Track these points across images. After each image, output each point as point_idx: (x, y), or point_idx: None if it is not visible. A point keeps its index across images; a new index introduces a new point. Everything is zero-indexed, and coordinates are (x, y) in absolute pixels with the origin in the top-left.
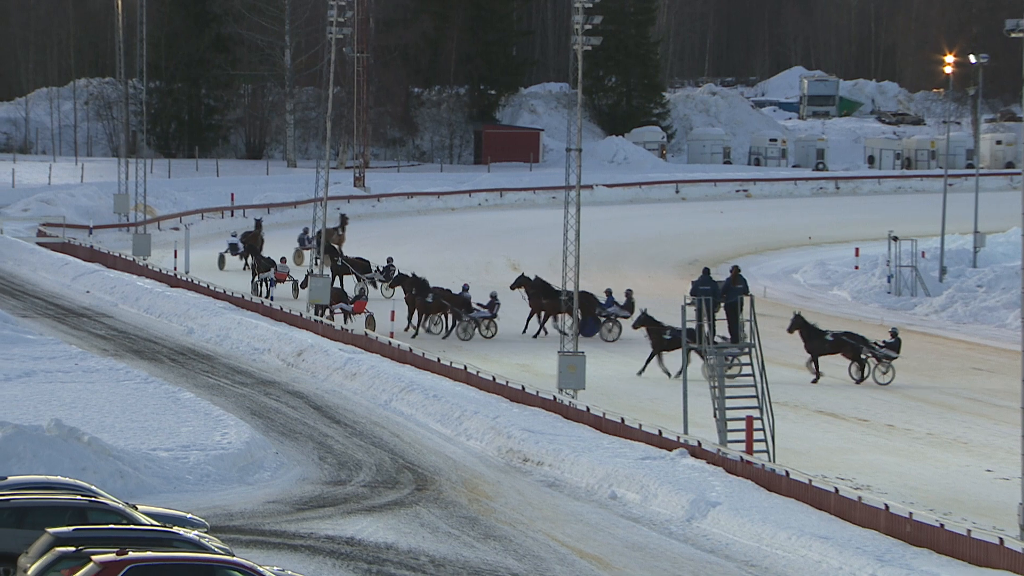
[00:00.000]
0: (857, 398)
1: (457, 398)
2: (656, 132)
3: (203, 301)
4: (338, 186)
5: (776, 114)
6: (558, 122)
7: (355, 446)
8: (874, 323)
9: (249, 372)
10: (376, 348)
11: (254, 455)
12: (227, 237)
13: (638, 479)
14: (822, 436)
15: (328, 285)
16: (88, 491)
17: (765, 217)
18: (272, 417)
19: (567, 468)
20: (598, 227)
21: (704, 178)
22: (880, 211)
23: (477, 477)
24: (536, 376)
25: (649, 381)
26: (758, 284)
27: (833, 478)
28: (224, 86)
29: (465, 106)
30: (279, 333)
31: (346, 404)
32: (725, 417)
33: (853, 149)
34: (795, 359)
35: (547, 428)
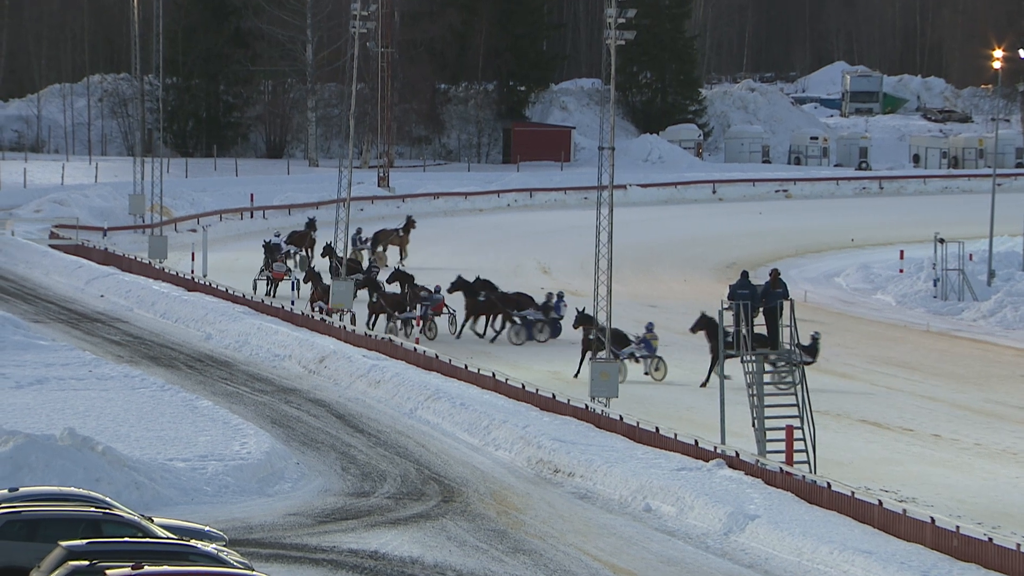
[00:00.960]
0: (902, 407)
1: (485, 406)
2: (692, 130)
3: (221, 305)
4: (361, 186)
5: (817, 111)
6: (590, 119)
7: (379, 456)
8: (919, 328)
9: (269, 379)
10: (401, 354)
11: (274, 466)
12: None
13: (673, 491)
14: (865, 446)
15: (351, 290)
16: (102, 503)
17: (806, 218)
18: (293, 426)
19: (599, 479)
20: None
21: (742, 178)
22: (926, 212)
23: (506, 489)
24: (567, 384)
25: (685, 389)
26: (798, 288)
27: (877, 490)
28: (243, 82)
29: (493, 103)
30: (300, 339)
31: (370, 412)
32: (764, 427)
33: (897, 148)
34: (837, 366)
35: (579, 438)
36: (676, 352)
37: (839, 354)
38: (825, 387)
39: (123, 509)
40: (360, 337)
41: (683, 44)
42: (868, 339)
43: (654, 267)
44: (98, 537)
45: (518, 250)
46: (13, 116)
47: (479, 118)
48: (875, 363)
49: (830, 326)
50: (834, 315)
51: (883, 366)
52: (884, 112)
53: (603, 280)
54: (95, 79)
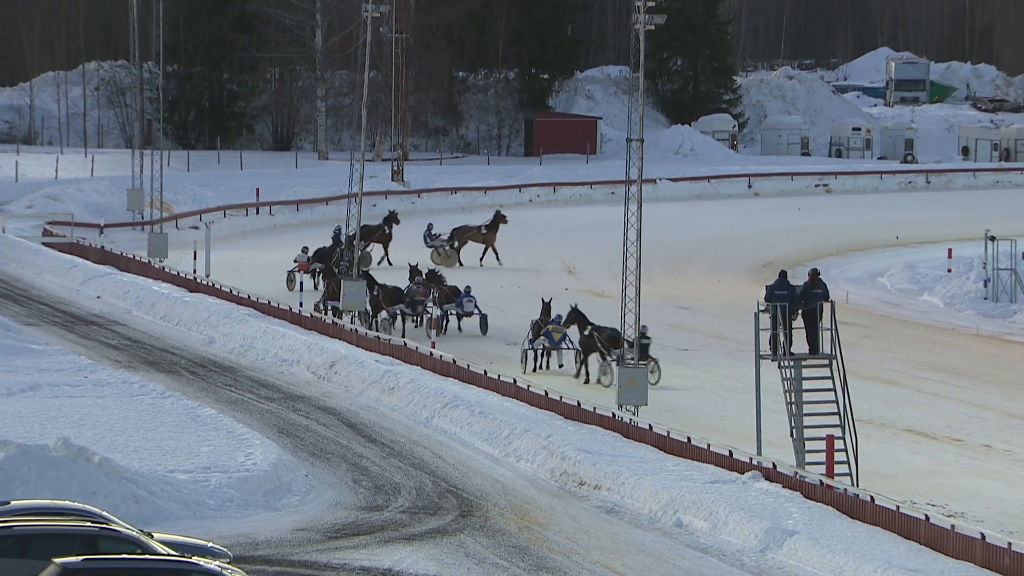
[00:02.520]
0: (950, 415)
1: (506, 415)
2: (726, 120)
3: (225, 308)
4: (374, 180)
5: (860, 100)
6: (617, 109)
7: (393, 468)
8: (969, 332)
9: (276, 386)
10: (416, 360)
11: (282, 478)
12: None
13: (706, 505)
14: (911, 458)
15: (363, 289)
16: (99, 517)
17: (848, 215)
18: (301, 436)
19: (627, 493)
20: (662, 226)
21: (780, 171)
22: (976, 208)
23: (528, 502)
24: (593, 391)
25: (718, 396)
26: (840, 289)
27: (923, 504)
28: (249, 70)
29: (514, 92)
30: (309, 343)
31: (383, 421)
32: (803, 436)
33: (945, 139)
34: (881, 372)
35: (605, 448)
36: (709, 357)
37: (883, 359)
38: (868, 394)
39: (121, 524)
40: (373, 341)
41: (717, 29)
42: (914, 343)
43: (685, 267)
44: (94, 554)
45: (541, 249)
46: (4, 106)
47: (499, 108)
48: (922, 369)
49: (873, 329)
50: (878, 318)
51: (930, 372)
52: (931, 101)
53: (631, 281)
54: (91, 66)
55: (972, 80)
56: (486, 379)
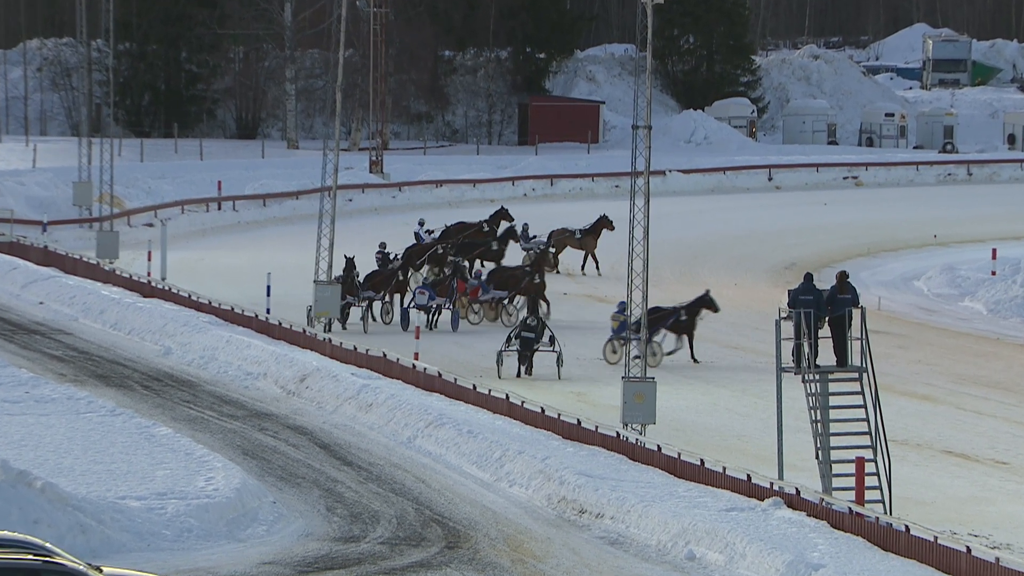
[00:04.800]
0: (994, 435)
1: (497, 435)
2: (744, 105)
3: (183, 314)
4: (350, 172)
5: (893, 83)
6: (622, 93)
7: (371, 494)
8: (1015, 342)
9: (240, 402)
10: (397, 372)
11: (246, 505)
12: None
13: (722, 535)
14: (951, 483)
15: (337, 295)
16: (42, 549)
17: (880, 210)
18: (268, 458)
19: (633, 522)
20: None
21: (804, 162)
22: (1023, 203)
23: (522, 533)
24: (594, 408)
25: (735, 414)
26: (871, 293)
27: (965, 535)
28: (209, 49)
29: (507, 73)
30: (277, 354)
31: (360, 442)
32: (830, 459)
33: (989, 126)
34: (917, 386)
35: (608, 472)
36: (725, 370)
37: (919, 372)
38: (903, 411)
39: (66, 557)
40: (348, 352)
41: (734, 2)
42: (954, 354)
43: (698, 268)
44: None
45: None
46: None
47: (490, 91)
48: (962, 383)
49: (908, 339)
50: (913, 326)
51: (972, 387)
52: (973, 84)
53: (637, 284)
54: (32, 45)
55: (1019, 60)
56: (475, 394)
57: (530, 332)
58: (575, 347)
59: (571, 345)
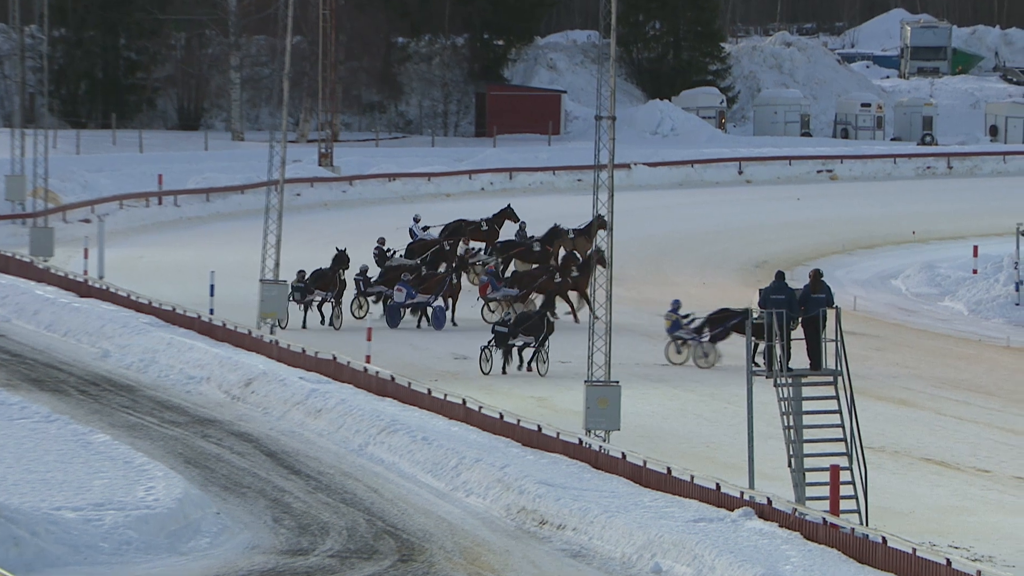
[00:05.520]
0: (975, 442)
1: (454, 441)
2: (713, 95)
3: (122, 315)
4: (298, 165)
5: (870, 71)
6: (585, 82)
7: (320, 504)
8: (998, 344)
9: (182, 408)
10: (348, 376)
11: (189, 516)
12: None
13: (689, 547)
14: (930, 492)
15: (285, 294)
16: None
17: (855, 205)
18: (212, 466)
19: (596, 533)
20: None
21: (776, 155)
22: (1006, 197)
23: (479, 545)
24: (556, 413)
25: (704, 420)
26: (846, 293)
27: (945, 547)
28: (150, 35)
29: (463, 61)
30: (221, 357)
31: (309, 449)
32: (803, 467)
33: (970, 117)
34: (894, 391)
35: (570, 481)
36: (693, 373)
37: (897, 376)
38: (880, 417)
39: None
40: (296, 355)
41: None
42: (933, 357)
43: (665, 266)
44: None
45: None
46: None
47: (446, 80)
48: (942, 387)
49: (885, 340)
50: (891, 327)
51: (952, 391)
52: (953, 72)
53: (601, 283)
54: None
55: (1001, 47)
56: (430, 399)
57: (503, 327)
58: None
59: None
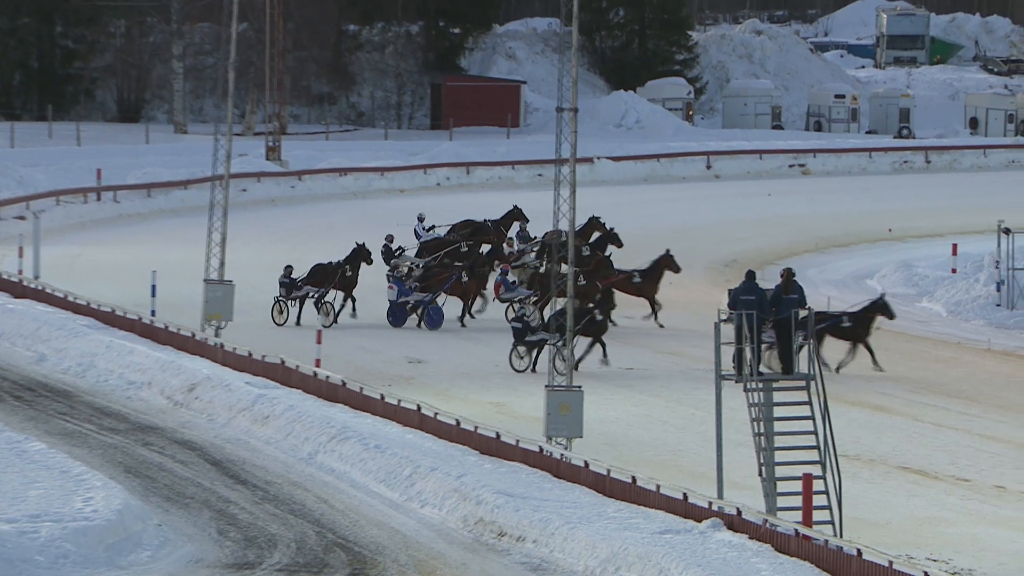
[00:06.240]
0: (954, 450)
1: (408, 449)
2: (680, 86)
3: (59, 317)
4: (245, 159)
5: (844, 61)
6: (545, 72)
7: (267, 515)
8: (978, 347)
9: (122, 414)
10: (296, 381)
11: (129, 528)
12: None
13: (655, 560)
14: (907, 501)
15: (230, 294)
16: None
17: (829, 201)
18: (154, 476)
19: (558, 545)
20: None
21: (746, 148)
22: (986, 193)
23: (435, 558)
24: (515, 420)
25: (670, 427)
26: (820, 293)
27: (922, 559)
28: (88, 22)
29: (418, 50)
30: (164, 361)
31: (255, 458)
32: (774, 476)
33: (949, 109)
34: (870, 395)
35: (531, 491)
36: (659, 377)
37: (873, 380)
38: (855, 423)
39: None
40: (242, 359)
41: None
42: (911, 360)
43: (629, 266)
44: None
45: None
46: None
47: (399, 70)
48: (920, 392)
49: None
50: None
51: (930, 396)
52: (932, 62)
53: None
54: None
55: (981, 36)
56: (383, 405)
57: (518, 323)
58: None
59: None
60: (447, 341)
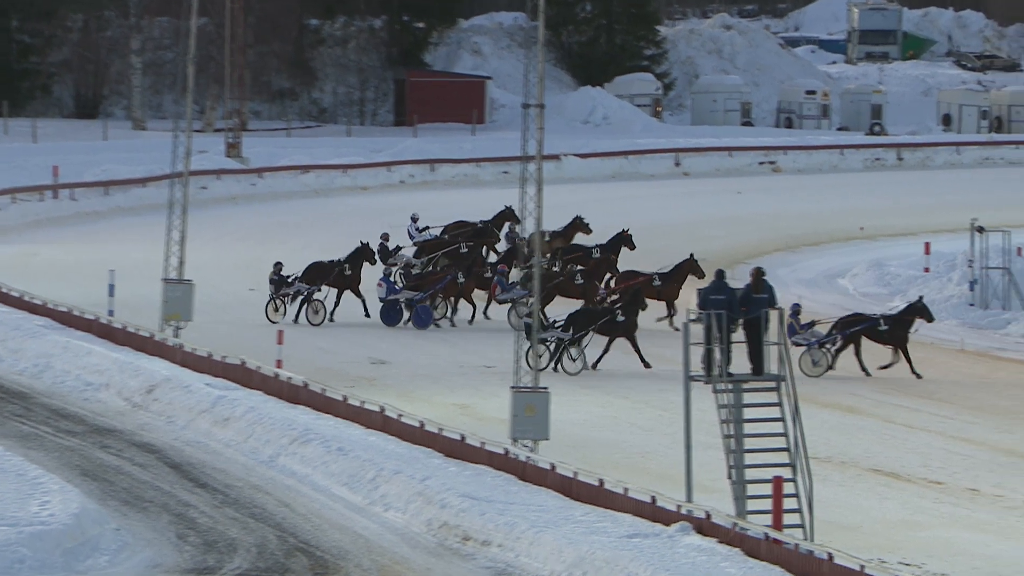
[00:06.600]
0: (926, 452)
1: (371, 452)
2: (648, 81)
3: (14, 317)
4: (205, 156)
5: (815, 56)
6: (511, 67)
7: (228, 519)
8: (951, 347)
9: (79, 416)
10: (257, 382)
11: (86, 533)
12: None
13: (623, 565)
14: (879, 505)
15: (189, 294)
16: None
17: (800, 200)
18: (112, 479)
19: (524, 550)
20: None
21: (715, 145)
22: (960, 191)
23: (398, 562)
24: (480, 422)
25: (638, 429)
26: (790, 292)
27: (894, 563)
28: (44, 16)
29: (381, 45)
30: (122, 362)
31: (215, 460)
32: (744, 478)
33: (922, 105)
34: (841, 397)
35: (496, 494)
36: (626, 379)
37: (844, 382)
38: (826, 425)
39: None
40: (202, 360)
41: None
42: (882, 361)
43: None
44: None
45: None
46: None
47: (362, 65)
48: (892, 394)
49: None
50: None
51: (902, 397)
52: (904, 58)
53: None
54: None
55: (955, 31)
56: (346, 407)
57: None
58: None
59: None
60: (410, 342)
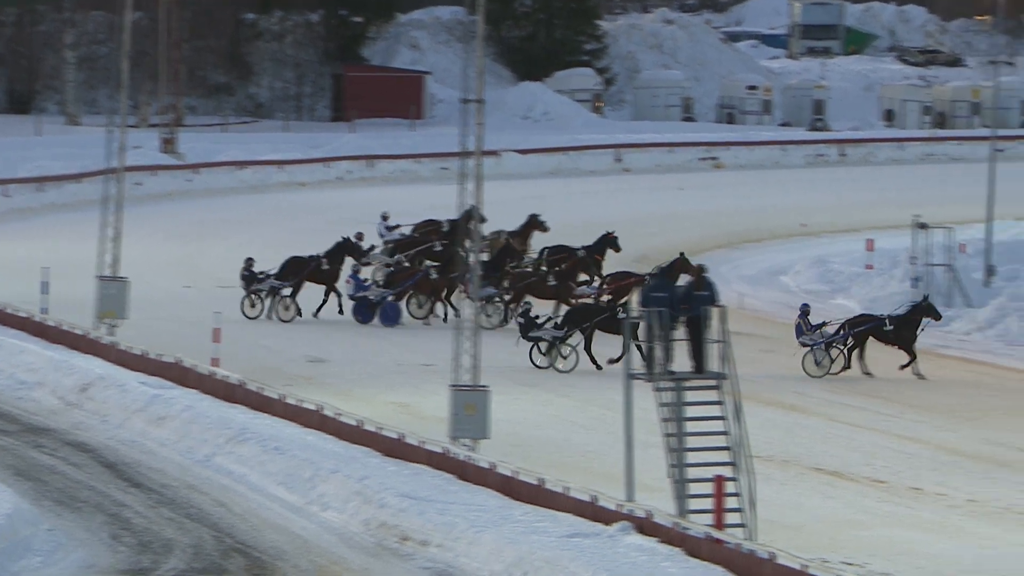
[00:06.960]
0: (870, 450)
1: (308, 451)
2: (588, 76)
3: None
4: (140, 152)
5: (757, 51)
6: (450, 62)
7: (163, 519)
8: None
9: (12, 415)
10: (193, 381)
11: (18, 533)
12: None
13: (563, 565)
14: (822, 504)
15: (124, 291)
16: None
17: (741, 196)
18: (45, 479)
19: (463, 550)
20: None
21: (656, 141)
22: (902, 187)
23: (337, 563)
24: (420, 420)
25: (579, 427)
26: (732, 290)
27: (837, 563)
28: None
29: (318, 39)
30: (55, 360)
31: (150, 460)
32: (685, 477)
33: (864, 100)
34: (784, 395)
35: (435, 493)
36: (566, 377)
37: (787, 380)
38: (768, 423)
39: None
40: (137, 358)
41: None
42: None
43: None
44: None
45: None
46: None
47: (299, 60)
48: (835, 392)
49: (775, 341)
50: (779, 326)
51: (846, 396)
52: (846, 52)
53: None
54: None
55: (897, 26)
56: (283, 406)
57: (520, 318)
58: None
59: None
60: (351, 340)
